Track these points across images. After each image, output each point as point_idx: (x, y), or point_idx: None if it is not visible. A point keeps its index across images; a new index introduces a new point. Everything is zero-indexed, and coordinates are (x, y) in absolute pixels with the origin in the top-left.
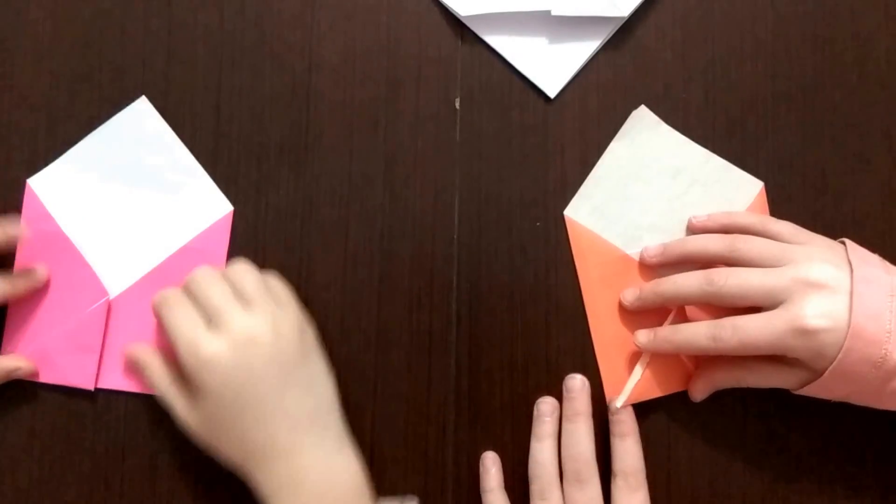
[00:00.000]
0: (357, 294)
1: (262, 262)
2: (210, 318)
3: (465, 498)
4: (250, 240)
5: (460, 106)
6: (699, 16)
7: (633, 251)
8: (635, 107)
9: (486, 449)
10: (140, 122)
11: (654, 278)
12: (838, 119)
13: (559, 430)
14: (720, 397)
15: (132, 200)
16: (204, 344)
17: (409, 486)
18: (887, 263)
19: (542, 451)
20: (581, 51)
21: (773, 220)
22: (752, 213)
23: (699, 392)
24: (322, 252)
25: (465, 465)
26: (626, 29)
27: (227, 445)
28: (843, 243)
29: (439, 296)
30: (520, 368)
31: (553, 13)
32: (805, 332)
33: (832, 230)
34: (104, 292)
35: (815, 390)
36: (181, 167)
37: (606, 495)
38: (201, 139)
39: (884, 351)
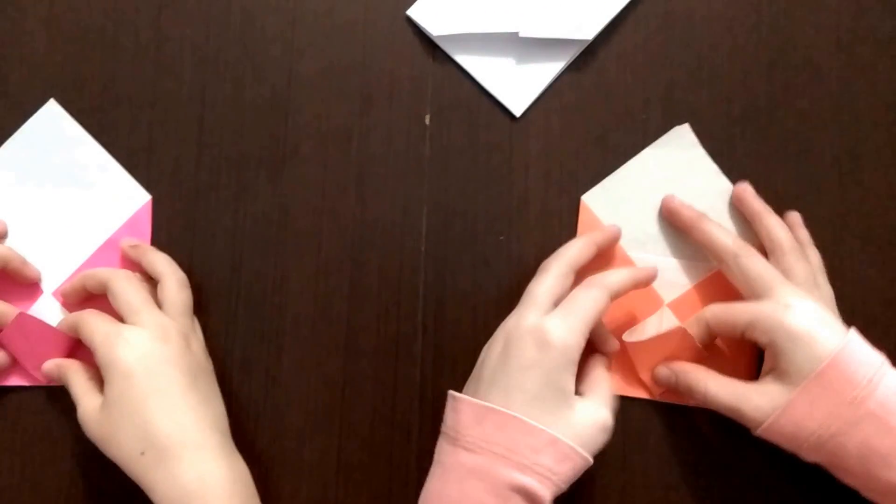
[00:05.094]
0: (328, 302)
1: (239, 268)
2: (125, 318)
3: None
4: (227, 246)
5: (430, 122)
6: (659, 41)
7: (633, 254)
8: (596, 126)
9: None
10: (52, 124)
11: (641, 289)
12: (790, 143)
13: None
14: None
15: (54, 201)
16: (123, 329)
17: (373, 488)
18: None
19: None
20: (546, 72)
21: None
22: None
23: (660, 378)
24: (296, 260)
25: (427, 469)
26: (590, 52)
27: (129, 433)
28: None
29: (406, 305)
30: None
31: (521, 35)
32: (800, 305)
33: None
34: (39, 290)
35: (776, 426)
36: (96, 163)
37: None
38: (185, 148)
39: (854, 395)
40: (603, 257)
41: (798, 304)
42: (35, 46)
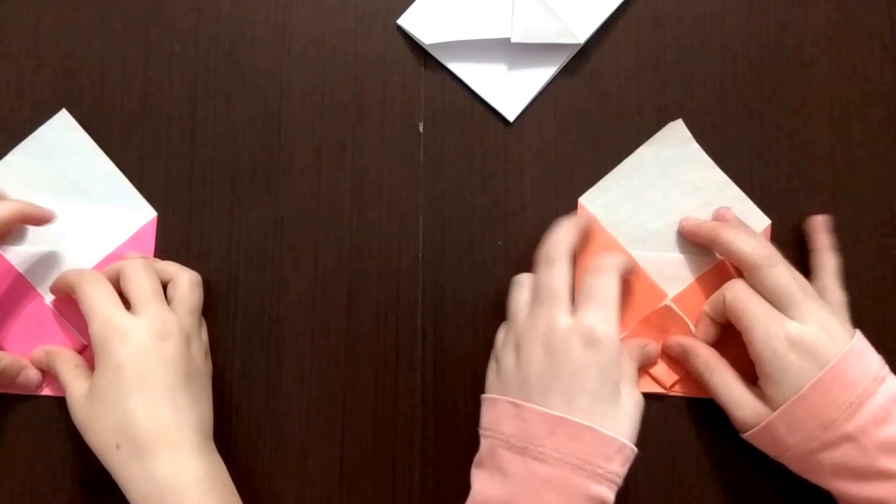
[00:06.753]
0: (326, 311)
1: (236, 281)
2: (132, 304)
3: None
4: (224, 260)
5: (424, 129)
6: (650, 42)
7: (634, 251)
8: (590, 130)
9: (451, 460)
10: (62, 134)
11: (644, 284)
12: (783, 141)
13: None
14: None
15: (59, 211)
16: (122, 317)
17: (377, 497)
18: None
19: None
20: (539, 77)
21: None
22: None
23: (675, 344)
24: (293, 271)
25: (431, 476)
26: (582, 55)
27: (108, 423)
28: None
29: (405, 312)
30: (482, 382)
31: (512, 41)
32: (796, 336)
33: (777, 248)
34: (38, 296)
35: (757, 436)
36: (104, 176)
37: None
38: (177, 163)
39: (833, 417)
40: (599, 246)
41: (799, 332)
42: (23, 64)
